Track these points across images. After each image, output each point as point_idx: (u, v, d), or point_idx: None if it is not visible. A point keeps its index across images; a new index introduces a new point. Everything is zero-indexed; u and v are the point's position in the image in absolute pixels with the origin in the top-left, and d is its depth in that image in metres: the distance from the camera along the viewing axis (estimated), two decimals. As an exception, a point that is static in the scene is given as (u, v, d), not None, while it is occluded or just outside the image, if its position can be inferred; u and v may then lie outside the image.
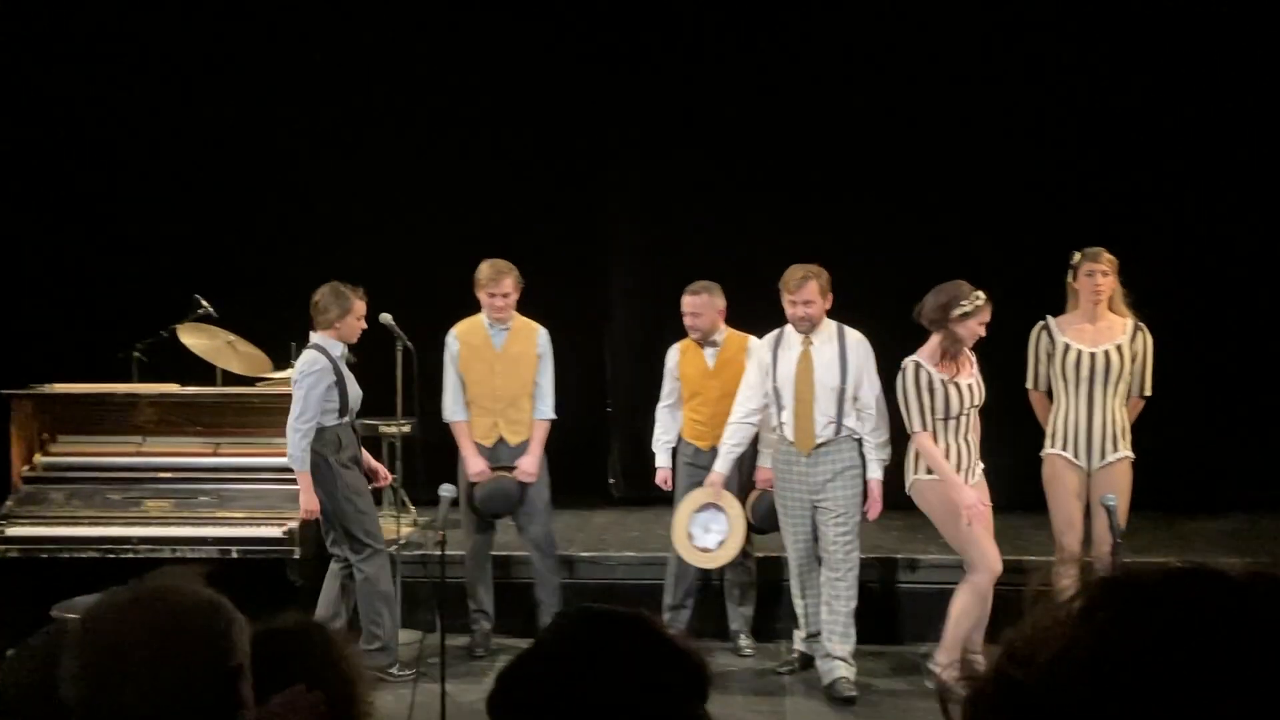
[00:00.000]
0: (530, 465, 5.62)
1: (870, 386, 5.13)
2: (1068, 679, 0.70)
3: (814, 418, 5.06)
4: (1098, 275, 5.00)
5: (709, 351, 5.64)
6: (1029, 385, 5.23)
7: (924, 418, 4.91)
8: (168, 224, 7.63)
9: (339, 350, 5.26)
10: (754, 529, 5.46)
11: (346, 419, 5.25)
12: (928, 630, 5.82)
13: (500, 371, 5.66)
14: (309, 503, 5.14)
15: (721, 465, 5.28)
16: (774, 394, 5.17)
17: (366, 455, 5.46)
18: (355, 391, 5.29)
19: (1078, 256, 5.10)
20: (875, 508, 5.17)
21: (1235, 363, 7.19)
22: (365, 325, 5.32)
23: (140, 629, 1.43)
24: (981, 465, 5.05)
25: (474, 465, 5.62)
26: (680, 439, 5.72)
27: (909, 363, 4.94)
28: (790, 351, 5.15)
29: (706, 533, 5.26)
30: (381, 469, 5.58)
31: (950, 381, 4.92)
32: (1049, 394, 5.19)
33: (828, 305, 5.14)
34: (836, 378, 5.08)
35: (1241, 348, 7.22)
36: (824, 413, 5.07)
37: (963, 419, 4.96)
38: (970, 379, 4.99)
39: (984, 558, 4.91)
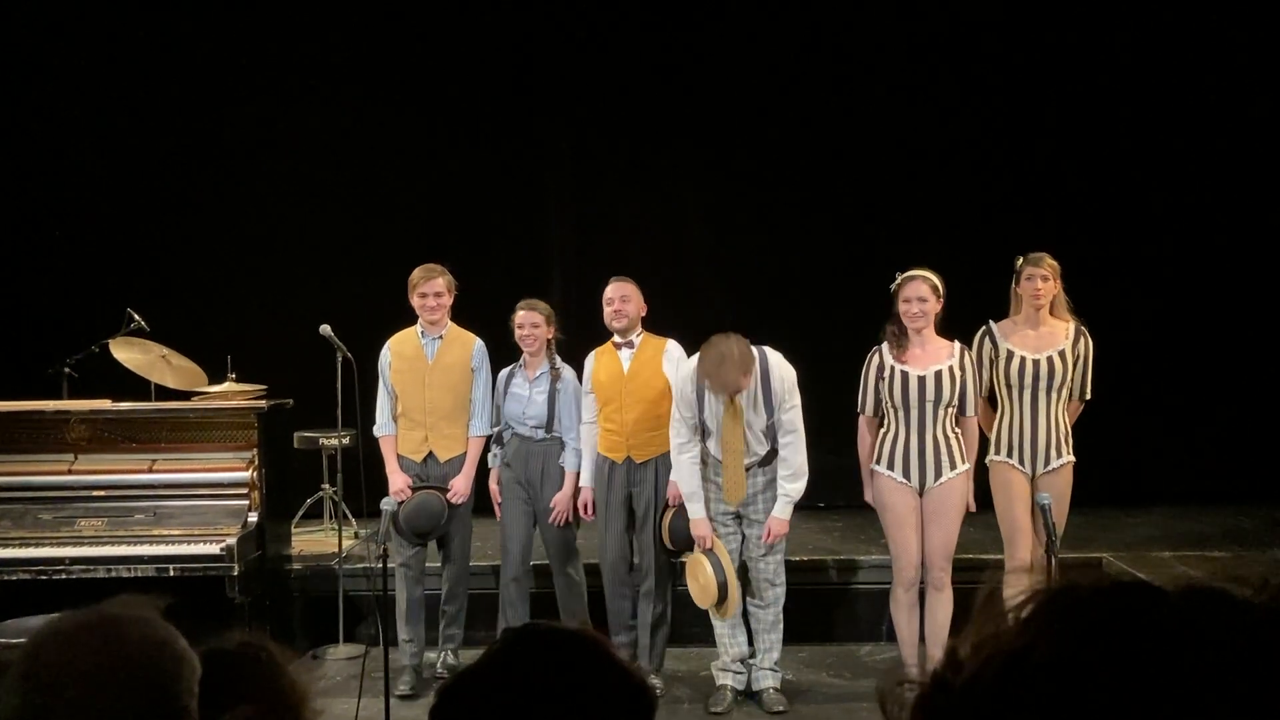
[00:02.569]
0: (462, 485, 5.40)
1: (790, 413, 4.90)
2: (990, 684, 0.72)
3: (744, 473, 4.91)
4: (1038, 280, 4.90)
5: (625, 354, 5.31)
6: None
7: (863, 402, 4.94)
8: (98, 235, 7.50)
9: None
10: (671, 552, 5.22)
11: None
12: (867, 630, 5.92)
13: (432, 384, 5.42)
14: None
15: (698, 510, 4.96)
16: (701, 422, 4.94)
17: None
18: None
19: (1020, 261, 5.00)
20: (768, 538, 4.94)
21: (1161, 363, 7.38)
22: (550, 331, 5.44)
23: (85, 660, 1.40)
24: (957, 466, 4.88)
25: (394, 482, 5.39)
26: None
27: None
28: (715, 402, 4.89)
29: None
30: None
31: (897, 365, 4.84)
32: (991, 400, 5.08)
33: (748, 382, 4.82)
34: (764, 414, 4.89)
35: (1167, 347, 7.41)
36: (754, 452, 4.93)
37: (914, 411, 4.83)
38: (924, 372, 4.82)
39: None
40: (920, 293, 4.83)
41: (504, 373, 5.51)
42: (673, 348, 5.30)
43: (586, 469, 5.35)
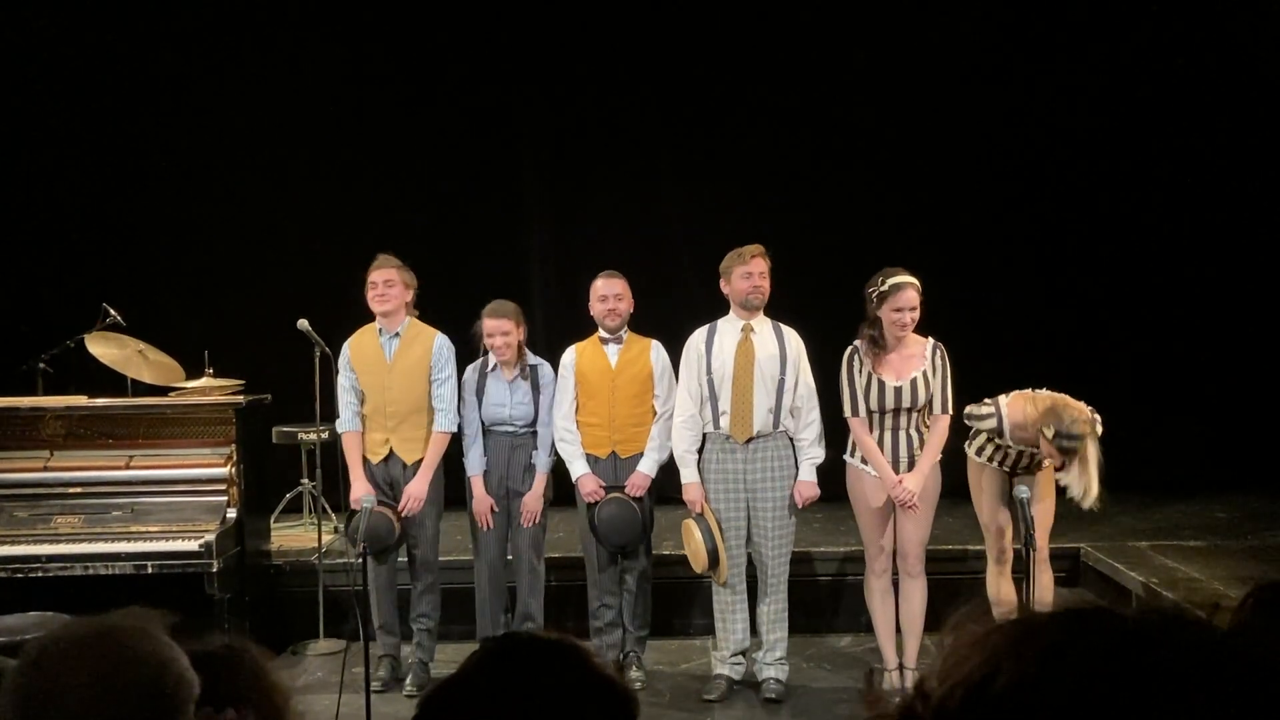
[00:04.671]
0: (417, 488, 5.21)
1: (805, 381, 5.05)
2: (954, 713, 0.74)
3: (753, 405, 4.95)
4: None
5: (612, 348, 5.27)
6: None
7: (854, 404, 4.91)
8: (73, 229, 7.43)
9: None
10: (605, 541, 5.21)
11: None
12: (848, 622, 5.95)
13: (391, 385, 5.27)
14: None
15: (690, 474, 5.06)
16: (708, 386, 5.03)
17: None
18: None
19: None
20: (800, 501, 5.02)
21: (1138, 354, 7.44)
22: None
23: (85, 672, 1.40)
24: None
25: (355, 488, 5.23)
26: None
27: (852, 345, 4.93)
28: (727, 340, 5.04)
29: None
30: None
31: (874, 375, 4.85)
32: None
33: (767, 289, 5.05)
34: (776, 368, 4.99)
35: (1143, 339, 7.47)
36: (762, 402, 4.97)
37: (888, 415, 4.86)
38: (901, 383, 4.82)
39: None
40: (913, 302, 4.79)
41: (471, 372, 5.36)
42: (658, 347, 5.31)
43: (580, 463, 5.24)
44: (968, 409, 4.85)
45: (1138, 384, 7.40)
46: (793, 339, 5.10)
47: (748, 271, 5.00)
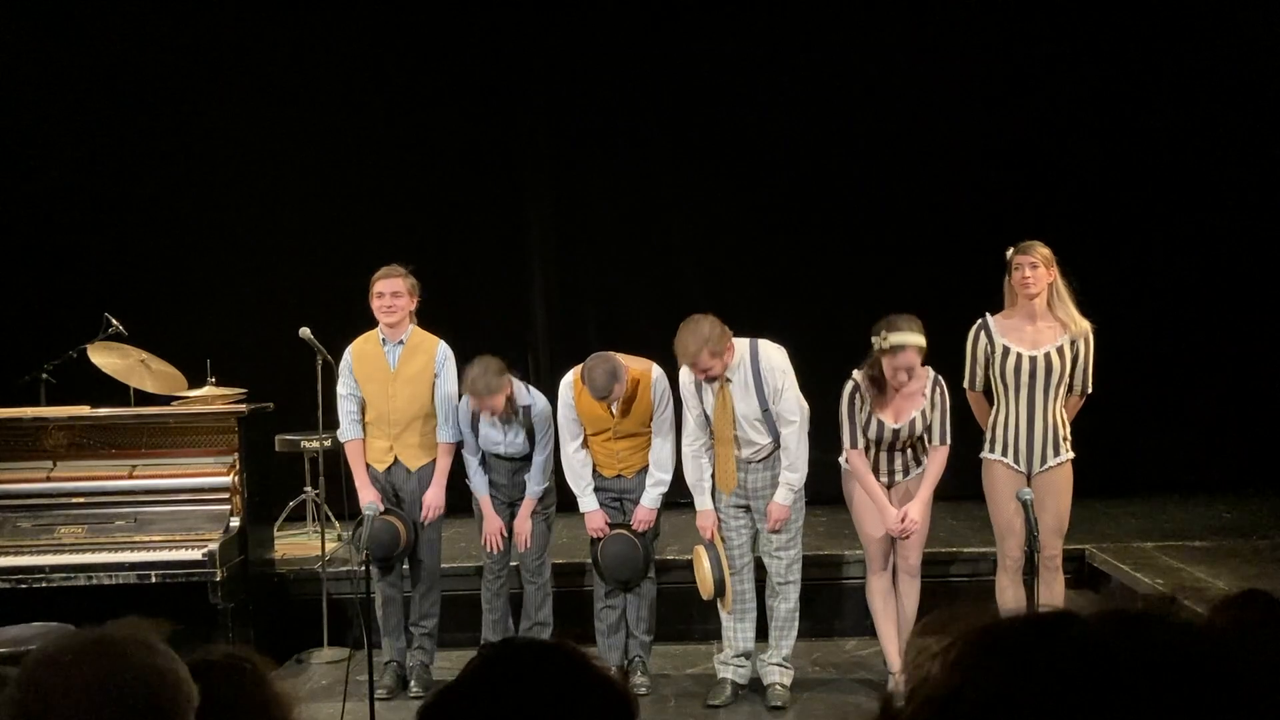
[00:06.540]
0: (434, 498, 5.29)
1: (788, 399, 4.90)
2: None
3: (734, 460, 4.93)
4: (1026, 268, 4.76)
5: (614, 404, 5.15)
6: (966, 385, 4.96)
7: (853, 437, 4.90)
8: (75, 239, 7.43)
9: None
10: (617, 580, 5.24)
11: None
12: (852, 625, 5.94)
13: (395, 394, 5.29)
14: None
15: (703, 502, 5.05)
16: (704, 415, 5.00)
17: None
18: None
19: (1010, 252, 4.84)
20: (770, 523, 4.97)
21: (1143, 355, 7.42)
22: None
23: (82, 683, 1.39)
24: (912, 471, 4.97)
25: (363, 495, 5.25)
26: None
27: (852, 379, 4.88)
28: (708, 394, 4.95)
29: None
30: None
31: (874, 414, 4.84)
32: (987, 394, 4.95)
33: (729, 359, 4.81)
34: (756, 406, 4.89)
35: (1148, 339, 7.45)
36: (753, 442, 4.94)
37: (885, 444, 4.89)
38: (899, 425, 4.83)
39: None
40: (911, 363, 4.73)
41: (466, 403, 5.27)
42: (659, 379, 5.18)
43: (589, 498, 5.25)
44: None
45: (1140, 384, 7.39)
46: (771, 365, 4.88)
47: (695, 370, 4.81)
